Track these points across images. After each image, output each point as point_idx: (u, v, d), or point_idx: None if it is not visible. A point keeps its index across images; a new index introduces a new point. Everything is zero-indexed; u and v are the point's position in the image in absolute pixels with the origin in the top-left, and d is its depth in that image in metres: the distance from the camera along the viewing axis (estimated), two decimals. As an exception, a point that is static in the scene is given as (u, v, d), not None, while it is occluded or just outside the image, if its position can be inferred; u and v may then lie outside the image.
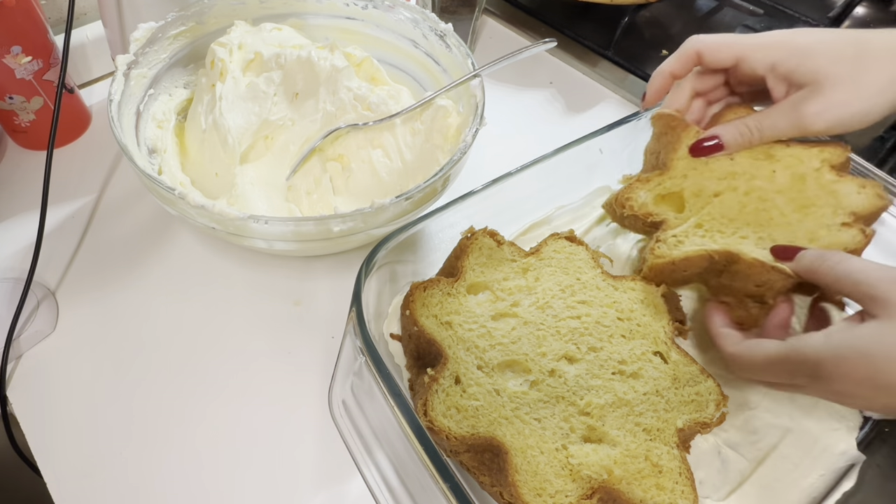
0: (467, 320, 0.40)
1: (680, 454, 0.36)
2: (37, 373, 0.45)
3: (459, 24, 0.64)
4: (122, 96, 0.48)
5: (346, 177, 0.53)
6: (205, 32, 0.56)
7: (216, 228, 0.43)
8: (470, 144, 0.46)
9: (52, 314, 0.47)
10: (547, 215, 0.51)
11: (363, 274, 0.38)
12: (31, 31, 0.51)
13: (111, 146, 0.59)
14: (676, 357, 0.40)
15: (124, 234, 0.53)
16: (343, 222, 0.42)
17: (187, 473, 0.41)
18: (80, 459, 0.41)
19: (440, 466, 0.31)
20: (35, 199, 0.49)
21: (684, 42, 0.43)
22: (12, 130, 0.58)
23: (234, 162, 0.51)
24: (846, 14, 0.83)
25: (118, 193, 0.56)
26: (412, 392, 0.39)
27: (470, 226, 0.45)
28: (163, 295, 0.50)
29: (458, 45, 0.54)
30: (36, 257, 0.47)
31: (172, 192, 0.41)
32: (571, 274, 0.43)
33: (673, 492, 0.35)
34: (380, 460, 0.36)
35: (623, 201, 0.42)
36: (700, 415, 0.38)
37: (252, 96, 0.53)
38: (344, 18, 0.60)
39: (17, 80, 0.52)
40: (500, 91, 0.70)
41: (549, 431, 0.36)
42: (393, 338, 0.42)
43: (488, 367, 0.38)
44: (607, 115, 0.68)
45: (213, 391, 0.44)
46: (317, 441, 0.42)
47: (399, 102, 0.54)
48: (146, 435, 0.42)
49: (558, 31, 0.77)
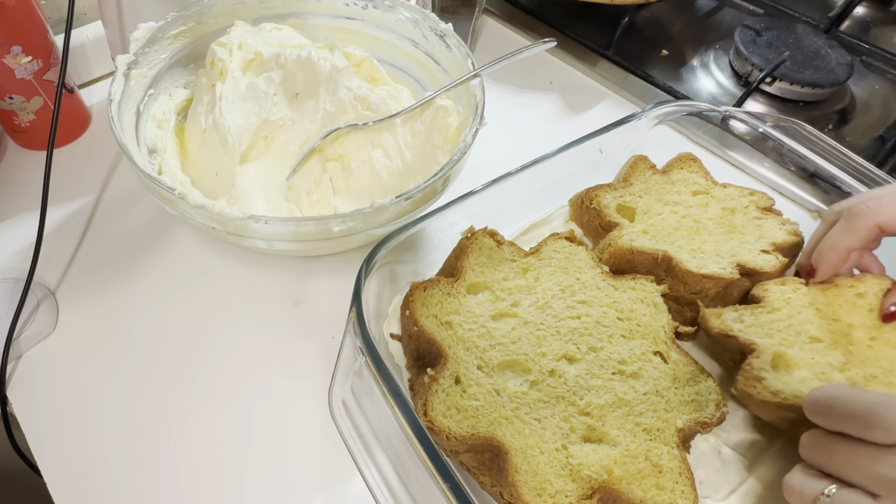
0: (467, 320, 0.40)
1: (680, 454, 0.36)
2: (37, 373, 0.45)
3: (459, 24, 0.64)
4: (122, 96, 0.48)
5: (346, 177, 0.53)
6: (205, 32, 0.56)
7: (216, 228, 0.43)
8: (470, 144, 0.46)
9: (52, 314, 0.47)
10: (547, 215, 0.51)
11: (363, 274, 0.38)
12: (31, 31, 0.51)
13: (111, 146, 0.59)
14: (676, 357, 0.40)
15: (124, 234, 0.53)
16: (343, 222, 0.42)
17: (187, 473, 0.41)
18: (80, 459, 0.41)
19: (440, 466, 0.31)
20: (35, 199, 0.49)
21: (853, 215, 0.40)
22: (12, 130, 0.58)
23: (234, 162, 0.51)
24: (846, 14, 0.83)
25: (118, 193, 0.56)
26: (412, 392, 0.39)
27: (470, 226, 0.45)
28: (163, 295, 0.49)
29: (458, 45, 0.54)
30: (36, 257, 0.47)
31: (172, 192, 0.41)
32: (571, 274, 0.43)
33: (673, 492, 0.35)
34: (380, 460, 0.36)
35: (592, 196, 0.49)
36: (700, 415, 0.38)
37: (252, 96, 0.53)
38: (344, 18, 0.60)
39: (17, 80, 0.52)
40: (500, 91, 0.70)
41: (549, 431, 0.36)
42: (393, 338, 0.42)
43: (488, 367, 0.38)
44: (607, 115, 0.68)
45: (213, 391, 0.44)
46: (317, 441, 0.42)
47: (399, 102, 0.54)
48: (146, 435, 0.42)
49: (558, 31, 0.77)
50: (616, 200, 0.49)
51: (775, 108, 0.69)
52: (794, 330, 0.40)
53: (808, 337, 0.40)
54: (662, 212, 0.49)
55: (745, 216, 0.48)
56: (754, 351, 0.39)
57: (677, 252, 0.45)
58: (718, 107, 0.52)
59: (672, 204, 0.49)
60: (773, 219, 0.48)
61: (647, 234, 0.47)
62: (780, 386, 0.37)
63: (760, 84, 0.67)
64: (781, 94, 0.68)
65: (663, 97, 0.69)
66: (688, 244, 0.46)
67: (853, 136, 0.67)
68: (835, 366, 0.39)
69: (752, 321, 0.41)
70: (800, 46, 0.71)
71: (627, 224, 0.48)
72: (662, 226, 0.48)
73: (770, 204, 0.50)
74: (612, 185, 0.50)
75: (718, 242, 0.46)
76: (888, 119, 0.69)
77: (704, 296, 0.44)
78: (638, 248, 0.45)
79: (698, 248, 0.46)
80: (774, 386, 0.37)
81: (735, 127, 0.61)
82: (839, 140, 0.62)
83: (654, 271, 0.46)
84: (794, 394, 0.36)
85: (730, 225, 0.48)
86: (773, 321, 0.41)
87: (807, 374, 0.38)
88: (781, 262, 0.45)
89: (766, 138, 0.51)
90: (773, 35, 0.73)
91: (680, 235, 0.47)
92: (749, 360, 0.39)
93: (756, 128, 0.51)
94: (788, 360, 0.39)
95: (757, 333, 0.40)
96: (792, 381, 0.37)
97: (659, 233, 0.47)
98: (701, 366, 0.40)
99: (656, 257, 0.45)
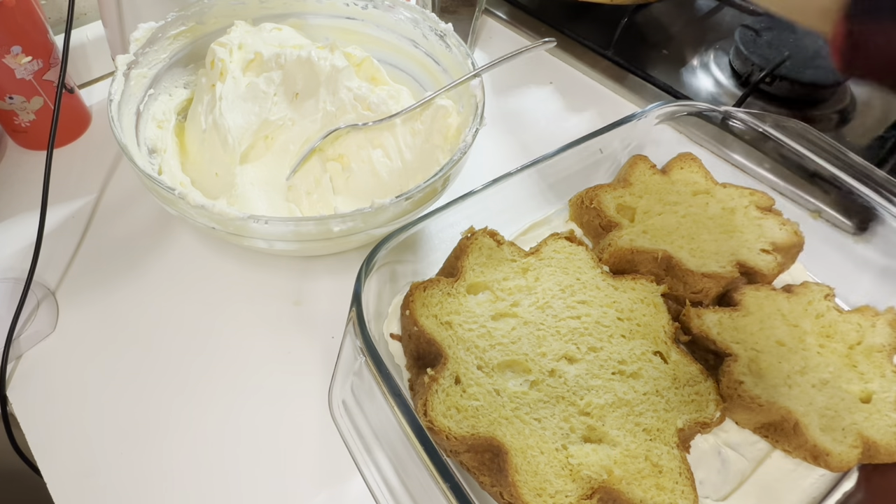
0: (467, 320, 0.40)
1: (680, 454, 0.36)
2: (37, 373, 0.45)
3: (459, 24, 0.64)
4: (122, 96, 0.48)
5: (346, 177, 0.53)
6: (205, 32, 0.56)
7: (216, 228, 0.43)
8: (470, 144, 0.46)
9: (52, 314, 0.47)
10: (547, 215, 0.51)
11: (363, 274, 0.38)
12: (31, 31, 0.51)
13: (111, 146, 0.59)
14: (676, 357, 0.40)
15: (124, 234, 0.53)
16: (343, 222, 0.42)
17: (187, 473, 0.41)
18: (80, 459, 0.41)
19: (440, 466, 0.31)
20: (35, 199, 0.49)
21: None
22: (12, 130, 0.58)
23: (234, 162, 0.51)
24: (846, 14, 0.82)
25: (118, 193, 0.56)
26: (412, 392, 0.39)
27: (470, 226, 0.45)
28: (163, 295, 0.49)
29: (458, 45, 0.54)
30: (36, 257, 0.46)
31: (172, 192, 0.41)
32: (571, 274, 0.43)
33: (673, 492, 0.35)
34: (380, 460, 0.36)
35: (592, 196, 0.49)
36: (700, 414, 0.38)
37: (252, 96, 0.53)
38: (344, 18, 0.60)
39: (17, 80, 0.52)
40: (500, 91, 0.70)
41: (549, 431, 0.36)
42: (393, 338, 0.42)
43: (488, 367, 0.38)
44: (607, 115, 0.68)
45: (213, 391, 0.44)
46: (317, 441, 0.42)
47: (399, 102, 0.54)
48: (146, 435, 0.42)
49: (558, 31, 0.77)
50: (616, 200, 0.49)
51: (775, 107, 0.68)
52: (764, 335, 0.42)
53: (775, 342, 0.42)
54: (662, 211, 0.49)
55: (745, 216, 0.49)
56: (732, 355, 0.40)
57: (677, 251, 0.45)
58: (718, 107, 0.52)
59: (672, 204, 0.49)
60: (773, 219, 0.48)
61: (647, 233, 0.47)
62: (757, 391, 0.39)
63: (760, 84, 0.67)
64: (782, 93, 0.68)
65: (663, 97, 0.69)
66: (688, 244, 0.46)
67: (853, 136, 0.66)
68: (796, 370, 0.40)
69: (730, 324, 0.42)
70: (800, 46, 0.71)
71: (627, 224, 0.48)
72: (662, 225, 0.48)
73: (770, 204, 0.50)
74: (612, 185, 0.51)
75: (718, 242, 0.47)
76: (888, 119, 0.69)
77: (705, 295, 0.45)
78: (638, 247, 0.45)
79: (698, 247, 0.46)
80: (752, 390, 0.39)
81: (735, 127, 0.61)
82: (839, 140, 0.62)
83: (655, 271, 0.46)
84: (769, 400, 0.38)
85: (730, 225, 0.48)
86: (747, 325, 0.42)
87: (776, 378, 0.40)
88: (780, 262, 0.45)
89: (766, 138, 0.51)
90: (773, 35, 0.73)
91: (680, 235, 0.47)
92: (728, 363, 0.40)
93: (756, 128, 0.51)
94: (761, 364, 0.41)
95: (733, 337, 0.41)
96: (766, 386, 0.39)
97: (659, 232, 0.47)
98: (701, 366, 0.40)
99: (656, 257, 0.45)
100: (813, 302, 0.44)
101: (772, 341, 0.42)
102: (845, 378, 0.41)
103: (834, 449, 0.37)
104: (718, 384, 0.40)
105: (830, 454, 0.37)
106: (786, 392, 0.39)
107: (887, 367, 0.41)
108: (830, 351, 0.42)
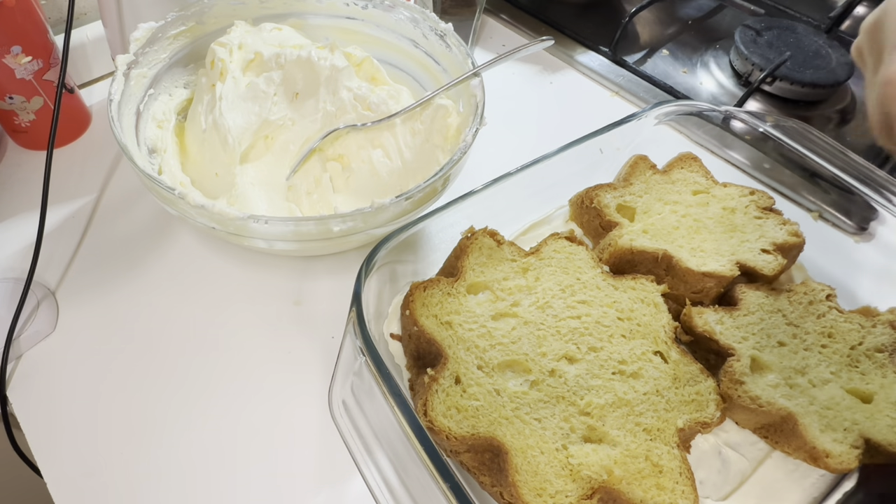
0: (467, 320, 0.40)
1: (680, 454, 0.36)
2: (37, 373, 0.45)
3: (460, 24, 0.64)
4: (122, 96, 0.48)
5: (346, 177, 0.53)
6: (205, 32, 0.56)
7: (216, 228, 0.43)
8: (470, 144, 0.46)
9: (52, 314, 0.47)
10: (547, 215, 0.51)
11: (363, 274, 0.38)
12: (31, 31, 0.51)
13: (111, 146, 0.59)
14: (677, 357, 0.40)
15: (124, 234, 0.53)
16: (343, 222, 0.42)
17: (187, 473, 0.41)
18: (80, 459, 0.41)
19: (440, 466, 0.31)
20: (35, 199, 0.49)
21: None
22: (12, 130, 0.58)
23: (234, 162, 0.51)
24: (847, 14, 0.82)
25: (118, 193, 0.56)
26: (412, 392, 0.39)
27: (470, 226, 0.45)
28: (163, 295, 0.49)
29: (458, 45, 0.54)
30: (36, 257, 0.46)
31: (172, 192, 0.41)
32: (571, 274, 0.43)
33: (673, 492, 0.35)
34: (380, 460, 0.36)
35: (592, 196, 0.49)
36: (700, 414, 0.38)
37: (252, 96, 0.53)
38: (344, 18, 0.60)
39: (17, 80, 0.52)
40: (500, 91, 0.70)
41: (549, 431, 0.35)
42: (393, 338, 0.42)
43: (488, 367, 0.38)
44: (607, 115, 0.68)
45: (213, 391, 0.44)
46: (317, 441, 0.42)
47: (399, 102, 0.54)
48: (146, 435, 0.42)
49: (558, 31, 0.77)
50: (616, 200, 0.49)
51: (776, 107, 0.68)
52: (765, 334, 0.42)
53: (776, 341, 0.42)
54: (662, 211, 0.49)
55: (746, 215, 0.49)
56: (734, 354, 0.40)
57: (677, 251, 0.45)
58: (719, 106, 0.52)
59: (672, 203, 0.49)
60: (773, 218, 0.48)
61: (647, 233, 0.47)
62: (757, 391, 0.39)
63: (761, 84, 0.67)
64: (782, 93, 0.68)
65: (663, 97, 0.69)
66: (688, 243, 0.46)
67: (853, 136, 0.66)
68: (797, 370, 0.41)
69: (731, 323, 0.42)
70: (800, 46, 0.71)
71: (627, 223, 0.48)
72: (662, 225, 0.48)
73: (770, 203, 0.50)
74: (613, 184, 0.51)
75: (718, 241, 0.47)
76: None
77: (705, 295, 0.45)
78: (638, 247, 0.45)
79: (698, 246, 0.46)
80: (753, 391, 0.39)
81: (735, 127, 0.61)
82: (839, 140, 0.62)
83: (655, 271, 0.46)
84: (769, 400, 0.38)
85: (730, 224, 0.48)
86: (748, 324, 0.42)
87: (777, 378, 0.40)
88: (781, 262, 0.46)
89: (766, 138, 0.51)
90: (773, 35, 0.73)
91: (680, 234, 0.47)
92: (730, 362, 0.40)
93: (756, 128, 0.51)
94: (762, 364, 0.41)
95: (734, 337, 0.42)
96: (766, 387, 0.39)
97: (659, 232, 0.47)
98: (701, 366, 0.40)
99: (656, 256, 0.45)
100: (814, 302, 0.44)
101: (773, 341, 0.42)
102: (846, 378, 0.41)
103: (834, 450, 0.37)
104: (719, 384, 0.40)
105: (830, 455, 0.37)
106: (786, 392, 0.39)
107: (888, 367, 0.41)
108: (831, 351, 0.42)
